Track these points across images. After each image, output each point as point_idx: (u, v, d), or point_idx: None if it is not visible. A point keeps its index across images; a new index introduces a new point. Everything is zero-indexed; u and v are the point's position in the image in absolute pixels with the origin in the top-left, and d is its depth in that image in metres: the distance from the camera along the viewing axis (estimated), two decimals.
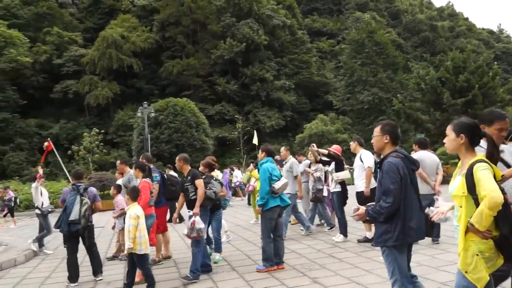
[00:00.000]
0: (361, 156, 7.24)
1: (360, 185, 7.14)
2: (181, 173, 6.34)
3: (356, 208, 3.36)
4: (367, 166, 7.00)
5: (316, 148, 8.61)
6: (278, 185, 5.80)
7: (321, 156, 8.65)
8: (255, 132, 25.66)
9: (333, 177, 7.92)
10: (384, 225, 3.17)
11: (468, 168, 2.50)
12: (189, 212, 5.74)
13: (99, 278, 6.02)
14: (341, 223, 7.67)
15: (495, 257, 2.46)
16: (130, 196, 5.34)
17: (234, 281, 5.47)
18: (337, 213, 7.83)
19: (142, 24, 49.93)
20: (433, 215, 2.87)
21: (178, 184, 6.44)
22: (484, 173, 2.40)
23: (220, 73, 47.53)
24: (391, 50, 44.72)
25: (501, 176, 2.60)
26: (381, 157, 3.46)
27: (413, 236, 3.17)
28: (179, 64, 45.53)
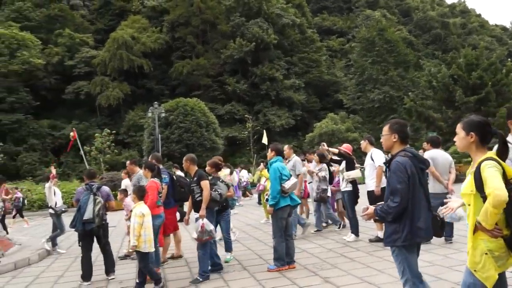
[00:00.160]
0: (372, 155, 7.19)
1: (371, 184, 7.09)
2: (188, 173, 6.35)
3: (365, 207, 3.35)
4: (377, 165, 6.94)
5: (326, 147, 8.57)
6: (288, 184, 5.79)
7: (332, 155, 8.60)
8: (265, 131, 25.66)
9: (344, 176, 7.87)
10: (392, 225, 3.16)
11: (476, 166, 2.48)
12: (195, 214, 5.74)
13: (111, 277, 6.08)
14: (352, 223, 7.61)
15: (506, 256, 2.42)
16: (136, 195, 5.39)
17: (245, 280, 5.47)
18: (348, 213, 7.77)
19: (152, 25, 50.21)
20: (442, 211, 2.84)
21: (186, 185, 6.43)
22: (490, 171, 2.37)
23: (229, 72, 47.58)
24: (402, 47, 44.31)
25: None
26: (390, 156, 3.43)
27: (422, 236, 3.15)
28: (189, 64, 45.69)
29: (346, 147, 8.33)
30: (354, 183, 7.77)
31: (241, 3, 49.30)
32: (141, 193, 5.43)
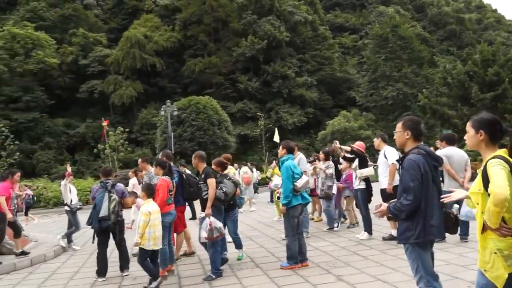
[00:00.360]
0: (385, 152, 7.12)
1: (384, 182, 7.02)
2: (197, 170, 6.32)
3: (378, 204, 3.33)
4: (391, 162, 6.87)
5: (339, 145, 8.52)
6: (300, 183, 5.76)
7: (344, 153, 8.55)
8: (276, 129, 25.59)
9: (357, 174, 7.83)
10: (405, 222, 3.15)
11: (484, 164, 2.45)
12: (201, 213, 5.74)
13: (125, 273, 6.14)
14: (365, 221, 7.56)
15: None
16: (145, 192, 5.42)
17: (258, 277, 5.47)
18: (361, 211, 7.72)
19: (164, 23, 50.48)
20: (442, 199, 2.83)
21: (196, 184, 6.40)
22: (494, 169, 2.33)
23: (241, 70, 47.61)
24: (416, 44, 43.77)
25: None
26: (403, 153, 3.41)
27: (435, 233, 3.14)
28: (201, 62, 45.85)
29: (359, 145, 8.27)
30: (367, 181, 7.72)
31: (253, 0, 49.27)
32: (150, 191, 5.46)
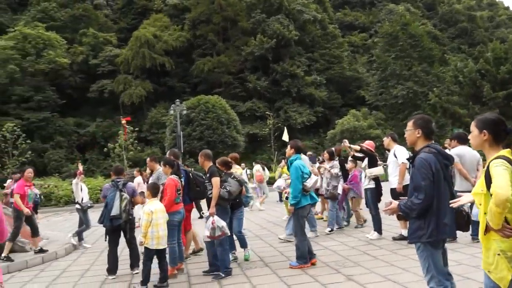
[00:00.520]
0: (395, 151, 7.07)
1: (394, 181, 6.98)
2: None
3: (388, 202, 3.31)
4: (401, 162, 6.82)
5: (348, 144, 8.47)
6: (309, 183, 5.75)
7: (353, 152, 8.50)
8: (286, 128, 25.55)
9: (366, 173, 7.78)
10: (417, 221, 3.13)
11: (487, 165, 2.43)
12: (205, 213, 5.74)
13: (135, 271, 6.17)
14: (375, 220, 7.52)
15: None
16: (150, 191, 5.44)
17: (267, 277, 5.47)
18: (371, 210, 7.68)
19: (173, 23, 50.66)
20: (451, 204, 2.81)
21: (202, 184, 6.38)
22: (497, 169, 2.32)
23: (250, 69, 47.60)
24: (426, 42, 43.30)
25: None
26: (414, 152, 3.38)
27: (448, 232, 3.13)
28: (210, 61, 45.94)
29: (368, 144, 8.23)
30: (377, 180, 7.67)
31: (261, 0, 49.23)
32: (155, 190, 5.49)
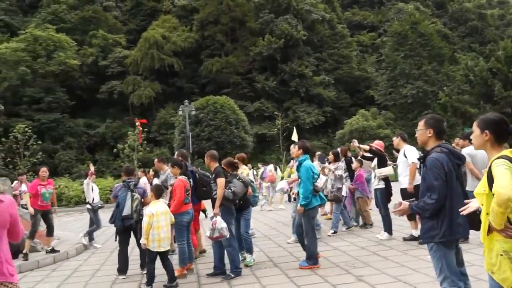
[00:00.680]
0: (405, 151, 7.02)
1: (404, 181, 6.92)
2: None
3: (397, 203, 3.27)
4: (411, 162, 6.76)
5: (357, 144, 8.43)
6: (320, 183, 5.75)
7: (363, 152, 8.45)
8: (295, 128, 25.50)
9: (376, 173, 7.73)
10: (430, 221, 3.10)
11: (489, 165, 2.41)
12: (210, 213, 5.75)
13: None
14: (385, 221, 7.47)
15: None
16: (154, 193, 5.45)
17: (276, 277, 5.46)
18: (381, 211, 7.63)
19: (182, 24, 50.85)
20: (460, 212, 2.76)
21: (208, 184, 6.36)
22: (498, 169, 2.29)
23: (259, 70, 47.59)
24: (436, 41, 42.90)
25: None
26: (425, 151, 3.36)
27: (461, 232, 3.11)
28: (219, 62, 46.03)
29: (378, 144, 8.18)
30: (386, 180, 7.62)
31: (269, 0, 49.19)
32: (158, 192, 5.50)
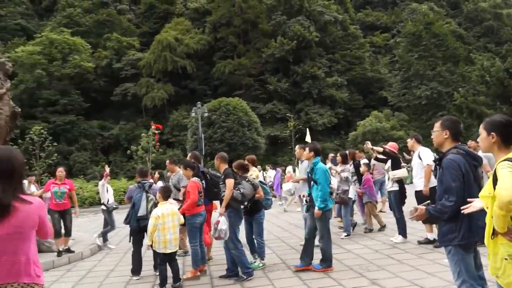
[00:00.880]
0: (419, 153, 6.92)
1: (419, 184, 6.82)
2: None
3: (413, 209, 3.20)
4: (426, 163, 6.67)
5: (370, 146, 8.35)
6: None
7: (376, 154, 8.37)
8: (307, 130, 25.42)
9: (389, 175, 7.65)
10: (448, 223, 3.04)
11: (495, 167, 2.37)
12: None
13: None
14: (400, 224, 7.37)
15: None
16: (161, 195, 5.47)
17: (290, 279, 5.44)
18: (395, 213, 7.54)
19: (195, 26, 51.18)
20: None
21: (218, 185, 6.40)
22: (503, 171, 2.25)
23: (271, 71, 47.61)
24: (451, 41, 42.42)
25: None
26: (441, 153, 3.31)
27: (482, 234, 3.01)
28: (231, 64, 46.18)
29: (391, 146, 8.10)
30: (400, 182, 7.52)
31: (282, 1, 49.20)
32: (166, 193, 5.53)
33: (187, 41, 46.59)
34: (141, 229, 6.07)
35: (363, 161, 9.56)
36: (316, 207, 5.58)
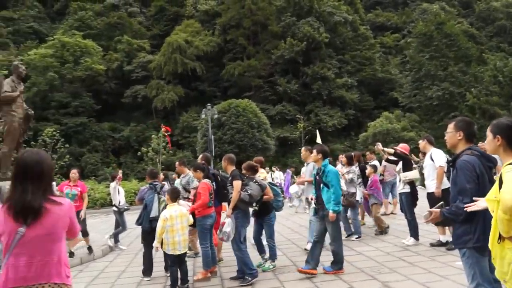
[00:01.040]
0: (431, 155, 6.85)
1: (431, 185, 6.75)
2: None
3: (427, 213, 3.16)
4: (438, 165, 6.59)
5: (381, 147, 8.28)
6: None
7: (387, 155, 8.30)
8: (318, 131, 25.34)
9: (401, 177, 7.59)
10: (463, 225, 2.99)
11: (501, 171, 2.35)
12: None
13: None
14: (411, 226, 7.30)
15: None
16: (170, 196, 5.48)
17: (300, 282, 5.41)
18: (406, 215, 7.47)
19: (204, 28, 51.43)
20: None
21: (227, 186, 6.39)
22: (508, 175, 2.24)
23: (280, 73, 47.59)
24: (463, 41, 41.92)
25: None
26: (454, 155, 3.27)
27: None
28: (241, 65, 46.27)
29: (402, 147, 8.02)
30: (412, 184, 7.45)
31: (292, 3, 49.18)
32: (174, 195, 5.55)
33: (197, 43, 46.81)
34: (153, 230, 6.09)
35: (373, 163, 9.50)
36: (330, 210, 5.48)
